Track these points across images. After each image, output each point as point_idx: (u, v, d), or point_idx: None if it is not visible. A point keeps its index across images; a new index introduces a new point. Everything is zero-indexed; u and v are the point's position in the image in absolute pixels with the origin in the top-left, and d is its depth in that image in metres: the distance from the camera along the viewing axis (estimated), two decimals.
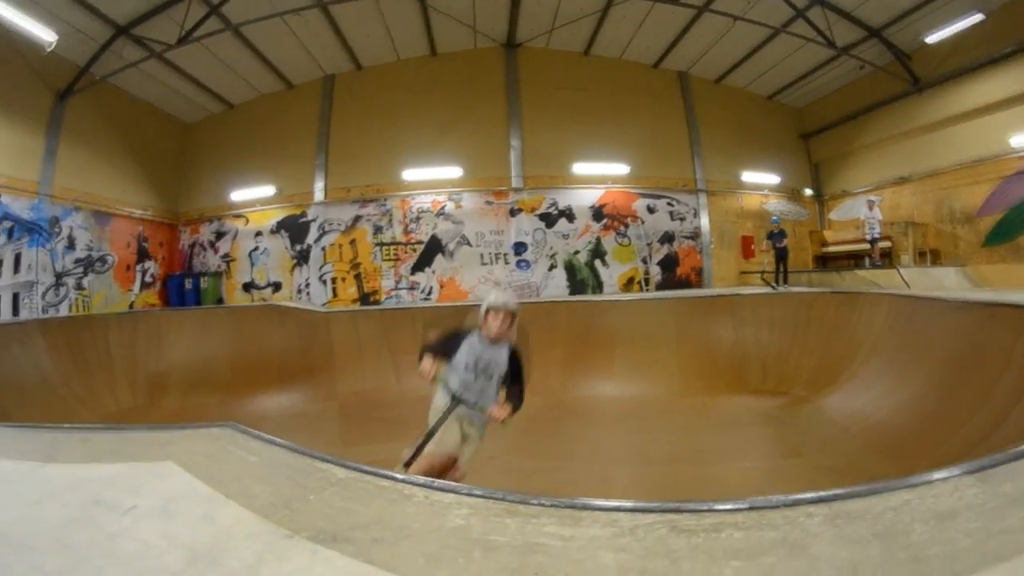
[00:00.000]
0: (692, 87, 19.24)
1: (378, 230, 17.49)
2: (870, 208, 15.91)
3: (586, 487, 6.43)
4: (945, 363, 7.51)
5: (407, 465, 3.92)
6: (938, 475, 2.15)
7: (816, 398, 9.46)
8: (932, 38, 15.58)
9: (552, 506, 1.87)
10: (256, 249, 17.99)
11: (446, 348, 4.18)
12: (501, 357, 4.17)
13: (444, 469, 4.00)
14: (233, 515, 1.73)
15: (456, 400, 4.07)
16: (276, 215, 17.91)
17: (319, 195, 17.53)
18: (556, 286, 17.42)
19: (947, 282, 13.80)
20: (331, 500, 1.94)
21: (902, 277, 13.41)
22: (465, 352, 4.13)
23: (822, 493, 2.01)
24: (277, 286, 17.71)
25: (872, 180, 19.06)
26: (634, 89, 18.37)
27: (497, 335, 4.07)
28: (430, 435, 4.02)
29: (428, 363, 3.98)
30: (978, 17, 14.35)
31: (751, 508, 1.91)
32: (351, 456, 2.34)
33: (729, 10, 15.18)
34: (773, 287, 14.32)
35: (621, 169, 18.07)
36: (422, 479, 2.18)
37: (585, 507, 1.85)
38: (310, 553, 1.48)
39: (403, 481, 2.14)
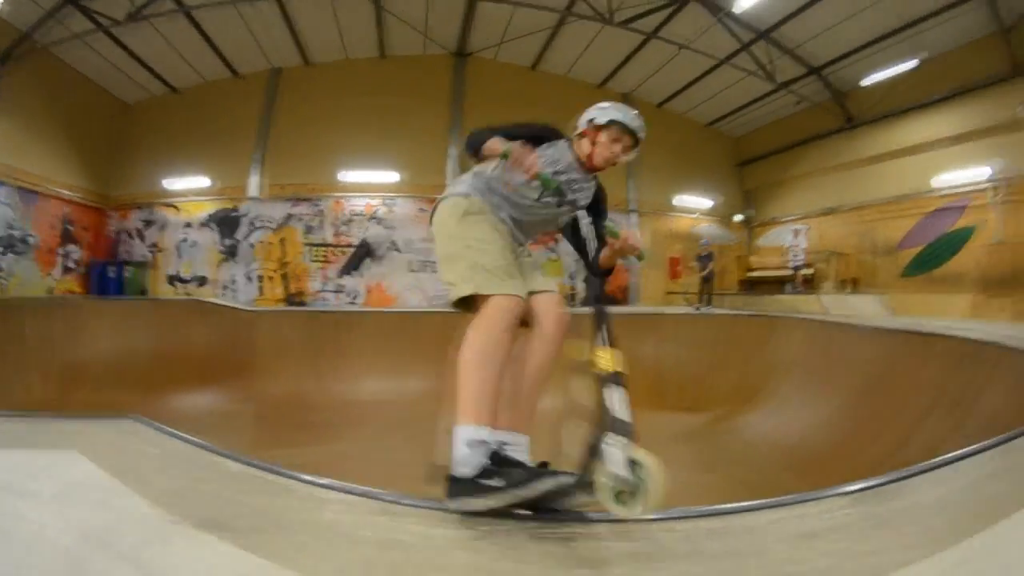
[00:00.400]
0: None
1: (309, 230, 17.30)
2: (795, 236, 16.62)
3: None
4: (858, 386, 7.92)
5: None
6: (811, 496, 2.20)
7: (734, 416, 9.68)
8: (868, 80, 16.58)
9: (424, 507, 1.97)
10: (185, 241, 17.51)
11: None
12: (587, 192, 2.92)
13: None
14: (127, 502, 1.79)
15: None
16: (208, 207, 17.50)
17: (254, 190, 17.22)
18: None
19: (866, 310, 14.44)
20: (221, 491, 2.03)
21: (822, 303, 13.99)
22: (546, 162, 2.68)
23: (686, 509, 2.03)
24: (203, 280, 17.30)
25: (801, 209, 19.95)
26: (577, 108, 17.95)
27: (604, 164, 2.77)
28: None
29: (523, 150, 2.45)
30: (914, 63, 15.37)
31: (612, 520, 1.92)
32: (266, 459, 2.37)
33: (676, 39, 15.68)
34: (696, 307, 14.71)
35: None
36: (308, 476, 2.22)
37: (450, 510, 1.93)
38: (193, 538, 1.56)
39: (288, 476, 2.22)
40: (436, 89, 17.95)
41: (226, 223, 17.29)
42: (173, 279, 17.49)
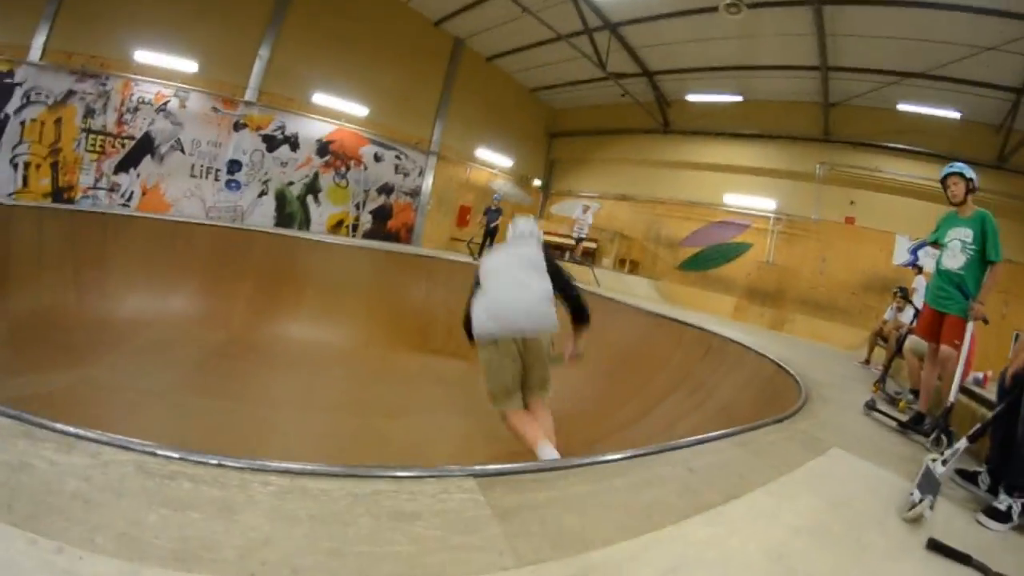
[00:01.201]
0: (462, 57, 19.59)
1: (90, 113, 14.23)
2: (584, 212, 17.86)
3: (246, 432, 6.17)
4: (612, 357, 8.64)
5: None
6: (447, 472, 2.23)
7: None
8: (694, 97, 18.53)
9: (66, 433, 2.04)
10: None
11: None
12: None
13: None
14: None
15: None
16: None
17: (35, 53, 13.69)
18: (263, 214, 16.34)
19: (638, 290, 16.10)
20: None
21: (594, 275, 15.24)
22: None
23: (293, 465, 2.04)
24: None
25: (598, 189, 21.52)
26: (405, 38, 17.90)
27: None
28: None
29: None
30: (739, 98, 17.60)
31: (220, 465, 1.97)
32: (17, 387, 2.30)
33: (524, 2, 15.43)
34: (475, 258, 14.84)
35: (360, 111, 17.62)
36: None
37: (102, 442, 2.02)
38: None
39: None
40: None
41: None
42: None
